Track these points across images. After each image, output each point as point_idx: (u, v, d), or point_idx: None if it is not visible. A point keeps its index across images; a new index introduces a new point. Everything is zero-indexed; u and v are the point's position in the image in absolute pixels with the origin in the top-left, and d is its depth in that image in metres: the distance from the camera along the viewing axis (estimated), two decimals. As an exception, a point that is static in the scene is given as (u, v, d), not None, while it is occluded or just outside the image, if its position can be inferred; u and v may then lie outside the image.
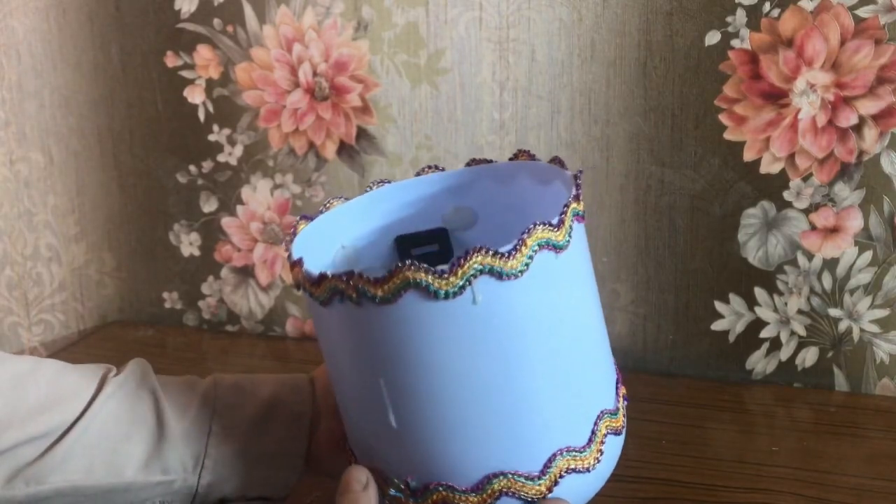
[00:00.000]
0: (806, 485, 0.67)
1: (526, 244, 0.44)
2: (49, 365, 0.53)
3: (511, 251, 0.43)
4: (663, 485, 0.67)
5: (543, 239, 0.44)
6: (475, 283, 0.43)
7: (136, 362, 0.55)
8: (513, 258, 0.43)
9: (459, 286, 0.43)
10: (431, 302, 0.43)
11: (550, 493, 0.46)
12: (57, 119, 1.00)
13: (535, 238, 0.44)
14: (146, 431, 0.52)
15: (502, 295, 0.43)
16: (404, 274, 0.43)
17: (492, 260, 0.43)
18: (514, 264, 0.43)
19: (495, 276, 0.43)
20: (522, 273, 0.44)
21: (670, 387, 0.85)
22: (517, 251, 0.43)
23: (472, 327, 0.44)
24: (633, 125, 0.84)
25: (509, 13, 0.85)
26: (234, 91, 0.95)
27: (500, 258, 0.43)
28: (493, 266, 0.43)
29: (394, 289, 0.43)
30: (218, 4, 0.92)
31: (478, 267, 0.43)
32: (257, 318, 1.01)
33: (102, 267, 1.04)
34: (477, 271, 0.43)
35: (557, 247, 0.45)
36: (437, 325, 0.44)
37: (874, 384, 0.83)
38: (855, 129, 0.78)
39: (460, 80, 0.88)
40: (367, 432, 0.49)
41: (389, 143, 0.91)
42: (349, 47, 0.90)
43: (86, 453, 0.51)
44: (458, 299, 0.43)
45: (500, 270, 0.43)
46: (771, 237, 0.83)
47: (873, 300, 0.81)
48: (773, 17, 0.78)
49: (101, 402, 0.52)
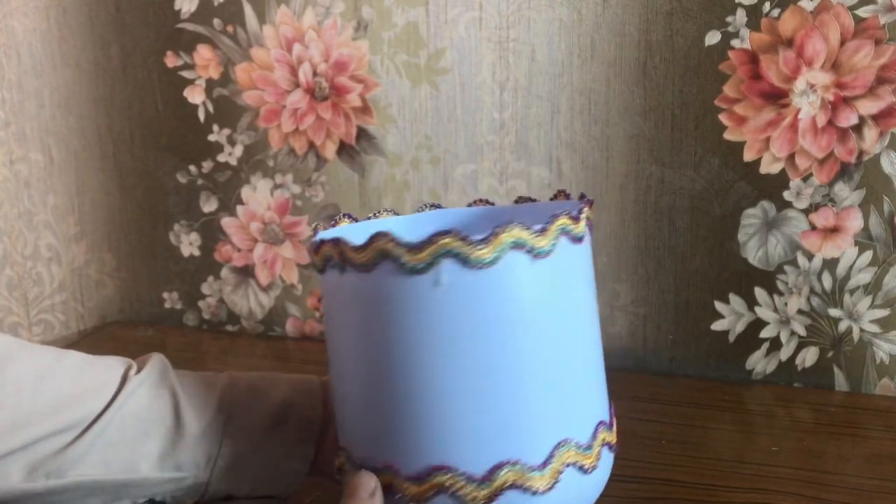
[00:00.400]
0: (806, 485, 0.67)
1: (498, 238, 0.44)
2: (70, 359, 0.54)
3: (481, 241, 0.44)
4: (663, 485, 0.67)
5: (519, 239, 0.45)
6: (441, 265, 0.44)
7: (156, 358, 0.56)
8: (481, 248, 0.44)
9: (427, 264, 0.44)
10: (403, 276, 0.44)
11: (550, 490, 0.46)
12: (57, 119, 1.00)
13: (510, 235, 0.44)
14: (164, 430, 0.53)
15: (469, 282, 0.44)
16: (379, 244, 0.44)
17: (460, 245, 0.44)
18: (481, 254, 0.44)
19: (461, 262, 0.44)
20: (491, 265, 0.44)
21: (670, 387, 0.85)
22: (487, 243, 0.44)
23: (437, 308, 0.45)
24: (633, 125, 0.84)
25: (509, 13, 0.85)
26: (234, 91, 0.95)
27: (469, 245, 0.44)
28: (460, 251, 0.44)
29: (370, 258, 0.45)
30: (218, 4, 0.92)
31: (446, 249, 0.44)
32: (257, 318, 1.01)
33: (102, 267, 1.04)
34: (445, 252, 0.44)
35: (535, 252, 0.45)
36: (407, 299, 0.45)
37: (874, 384, 0.83)
38: (855, 129, 0.78)
39: (460, 80, 0.88)
40: (357, 409, 0.49)
41: (389, 143, 0.91)
42: (349, 47, 0.90)
43: (105, 449, 0.52)
44: (425, 278, 0.44)
45: (467, 257, 0.44)
46: (771, 237, 0.83)
47: (873, 300, 0.81)
48: (773, 17, 0.78)
49: (123, 399, 0.52)
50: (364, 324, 0.46)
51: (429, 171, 0.90)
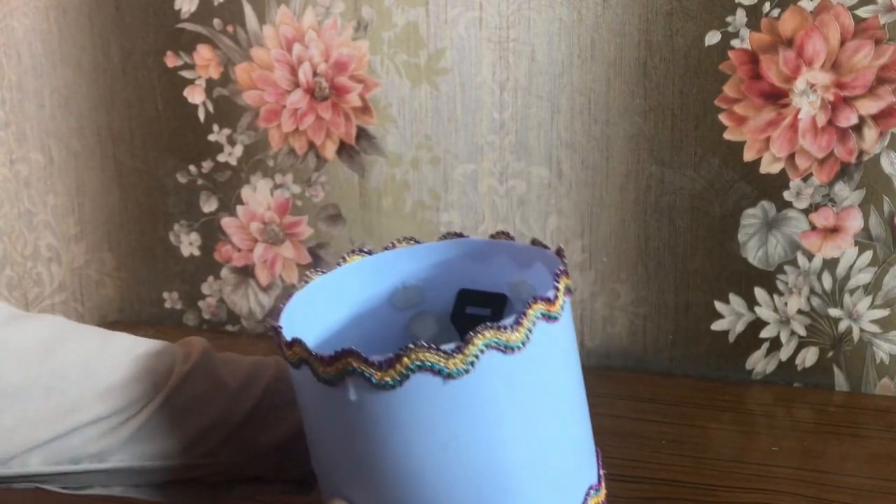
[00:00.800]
0: (806, 485, 0.67)
1: (472, 343, 0.42)
2: (118, 343, 0.54)
3: (455, 350, 0.42)
4: (663, 485, 0.67)
5: (493, 339, 0.43)
6: (411, 378, 0.42)
7: (200, 345, 0.56)
8: (454, 358, 0.42)
9: (396, 380, 0.42)
10: (372, 390, 0.43)
11: None
12: (57, 119, 1.00)
13: (482, 338, 0.42)
14: (205, 420, 0.53)
15: (442, 393, 0.43)
16: (345, 361, 0.43)
17: (433, 357, 0.42)
18: (455, 364, 0.42)
19: (434, 374, 0.42)
20: (465, 373, 0.42)
21: (670, 387, 0.85)
22: (460, 351, 0.42)
23: (411, 421, 0.43)
24: (633, 125, 0.84)
25: (509, 13, 0.85)
26: (234, 91, 0.95)
27: (442, 357, 0.42)
28: (433, 364, 0.42)
29: (336, 373, 0.43)
30: (218, 4, 0.92)
31: (417, 364, 0.42)
32: (257, 317, 1.01)
33: (102, 267, 1.04)
34: (416, 366, 0.42)
35: (509, 347, 0.43)
36: (378, 412, 0.43)
37: (874, 384, 0.83)
38: (855, 129, 0.78)
39: (460, 80, 0.88)
40: (341, 490, 0.48)
41: (389, 143, 0.91)
42: (349, 47, 0.90)
43: (147, 437, 0.52)
44: (397, 392, 0.42)
45: (441, 369, 0.42)
46: (771, 237, 0.83)
47: (873, 300, 0.81)
48: (773, 17, 0.78)
49: (168, 390, 0.53)
50: (345, 429, 0.45)
51: (429, 171, 0.90)
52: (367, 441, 0.44)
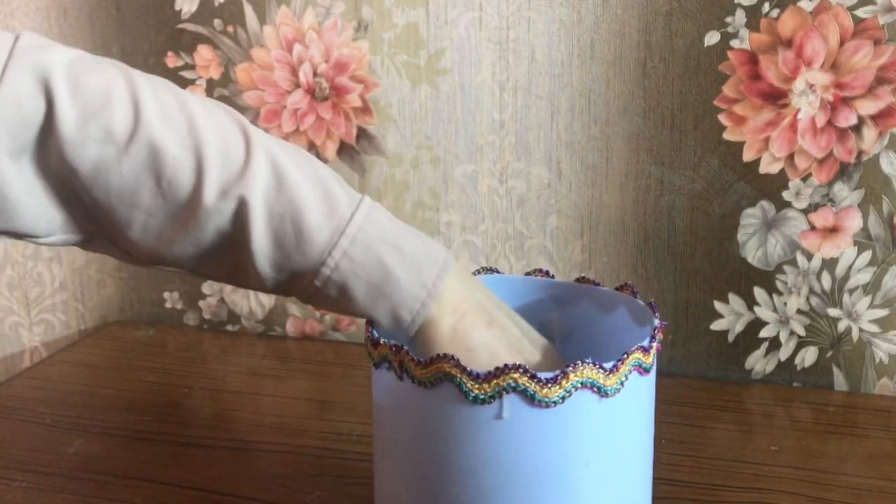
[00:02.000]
0: (806, 484, 0.67)
1: (567, 377, 0.44)
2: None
3: (550, 380, 0.44)
4: (663, 485, 0.67)
5: (589, 378, 0.45)
6: (505, 398, 0.44)
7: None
8: (549, 387, 0.44)
9: (490, 395, 0.44)
10: (465, 403, 0.44)
11: None
12: (57, 119, 1.00)
13: (579, 375, 0.44)
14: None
15: (533, 419, 0.44)
16: (442, 366, 0.44)
17: (527, 381, 0.44)
18: (548, 393, 0.44)
19: (527, 399, 0.44)
20: (557, 404, 0.44)
21: (670, 387, 0.85)
22: (556, 382, 0.44)
23: (496, 440, 0.45)
24: (632, 125, 0.84)
25: (509, 13, 0.85)
26: (234, 91, 0.95)
27: (536, 383, 0.44)
28: (527, 388, 0.44)
29: (432, 377, 0.45)
30: (218, 5, 0.93)
31: (512, 384, 0.44)
32: (258, 317, 1.01)
33: (103, 267, 1.05)
34: (510, 387, 0.44)
35: (604, 391, 0.45)
36: (466, 427, 0.45)
37: (873, 384, 0.83)
38: (854, 130, 0.78)
39: (460, 81, 0.88)
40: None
41: (389, 143, 0.91)
42: (349, 47, 0.90)
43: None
44: (487, 408, 0.44)
45: (534, 395, 0.44)
46: (770, 237, 0.83)
47: (872, 300, 0.81)
48: (772, 17, 0.78)
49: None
50: (419, 436, 0.46)
51: (429, 171, 0.91)
52: (498, 459, 0.45)
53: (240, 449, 0.74)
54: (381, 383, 0.49)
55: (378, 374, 0.49)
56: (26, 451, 0.74)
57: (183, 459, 0.72)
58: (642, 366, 0.47)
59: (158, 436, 0.77)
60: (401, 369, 0.46)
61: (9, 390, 0.87)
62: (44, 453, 0.74)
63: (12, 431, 0.78)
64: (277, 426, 0.78)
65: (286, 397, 0.84)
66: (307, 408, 0.82)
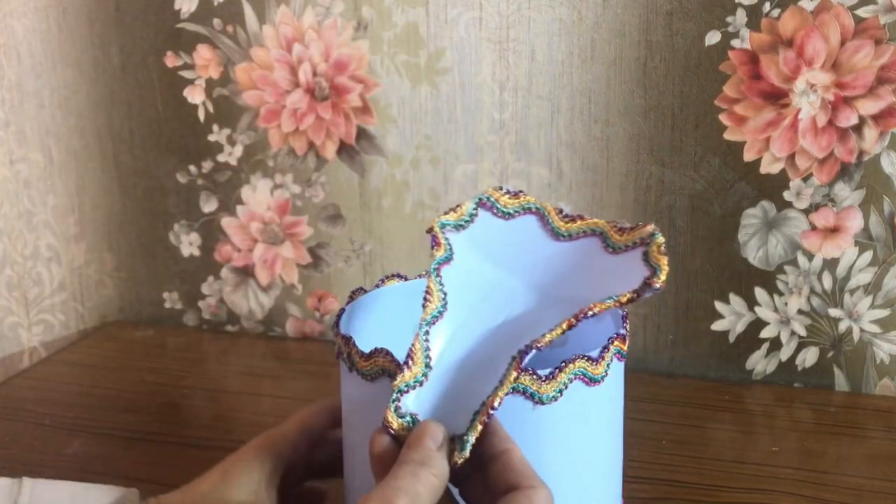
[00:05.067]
0: (806, 485, 0.67)
1: (507, 380, 0.44)
2: None
3: (546, 377, 0.45)
4: (663, 485, 0.67)
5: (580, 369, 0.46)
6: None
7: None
8: (547, 383, 0.45)
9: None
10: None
11: None
12: (57, 119, 1.00)
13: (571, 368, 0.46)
14: None
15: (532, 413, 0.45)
16: (380, 360, 0.45)
17: (529, 381, 0.44)
18: (545, 389, 0.45)
19: (527, 397, 0.45)
20: (555, 399, 0.45)
21: (670, 387, 0.85)
22: (553, 378, 0.45)
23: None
24: (633, 125, 0.84)
25: (509, 13, 0.85)
26: (234, 91, 0.95)
27: (535, 379, 0.45)
28: (526, 387, 0.44)
29: (373, 370, 0.46)
30: (218, 4, 0.92)
31: (517, 386, 0.44)
32: (257, 317, 1.01)
33: (102, 267, 1.04)
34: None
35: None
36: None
37: (874, 384, 0.83)
38: (855, 130, 0.78)
39: (460, 80, 0.88)
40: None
41: (389, 143, 0.91)
42: (349, 47, 0.90)
43: None
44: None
45: (533, 393, 0.45)
46: (771, 237, 0.83)
47: (873, 300, 0.81)
48: (773, 17, 0.78)
49: None
50: (367, 430, 0.46)
51: (429, 171, 0.90)
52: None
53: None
54: (342, 374, 0.50)
55: (340, 364, 0.50)
56: (26, 451, 0.74)
57: (183, 459, 0.72)
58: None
59: (158, 436, 0.77)
60: (349, 360, 0.48)
61: (8, 390, 0.87)
62: (43, 453, 0.74)
63: (11, 431, 0.78)
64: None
65: (286, 398, 0.84)
66: (307, 408, 0.82)
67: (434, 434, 0.41)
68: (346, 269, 0.96)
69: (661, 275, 0.46)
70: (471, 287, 0.48)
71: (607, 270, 0.48)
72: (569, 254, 0.49)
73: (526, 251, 0.50)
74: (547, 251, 0.50)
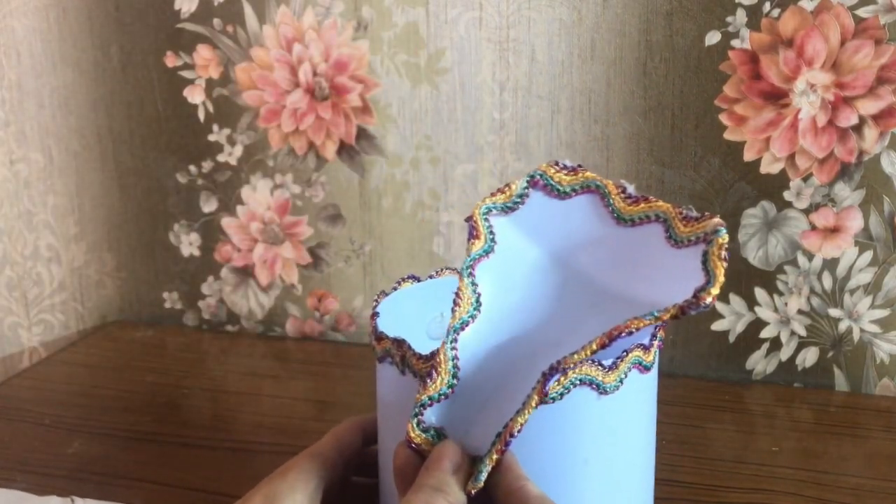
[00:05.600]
0: (806, 485, 0.67)
1: (567, 375, 0.43)
2: None
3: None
4: (663, 485, 0.67)
5: (587, 376, 0.44)
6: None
7: None
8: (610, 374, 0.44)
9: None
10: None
11: None
12: (57, 119, 1.00)
13: (577, 373, 0.43)
14: None
15: (533, 414, 0.44)
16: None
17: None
18: (550, 389, 0.43)
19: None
20: (555, 400, 0.43)
21: (670, 387, 0.85)
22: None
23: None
24: (633, 125, 0.84)
25: (509, 13, 0.85)
26: (233, 91, 0.95)
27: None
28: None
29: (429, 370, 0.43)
30: (218, 4, 0.92)
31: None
32: (257, 318, 1.01)
33: (102, 267, 1.04)
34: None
35: (602, 388, 0.44)
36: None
37: (874, 384, 0.83)
38: (855, 130, 0.78)
39: (460, 80, 0.88)
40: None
41: (389, 143, 0.91)
42: (349, 47, 0.90)
43: None
44: None
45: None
46: (771, 237, 0.83)
47: (873, 300, 0.81)
48: (773, 17, 0.78)
49: None
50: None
51: (429, 171, 0.90)
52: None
53: (240, 449, 0.74)
54: (384, 378, 0.49)
55: (381, 368, 0.49)
56: (25, 452, 0.74)
57: (183, 460, 0.72)
58: (643, 363, 0.47)
59: (158, 436, 0.77)
60: (402, 364, 0.46)
61: (8, 391, 0.87)
62: (43, 454, 0.74)
63: (11, 432, 0.78)
64: (277, 427, 0.77)
65: (286, 398, 0.84)
66: (307, 408, 0.82)
67: (453, 457, 0.40)
68: (346, 269, 0.96)
69: (712, 289, 0.39)
70: (513, 283, 0.44)
71: (668, 267, 0.43)
72: (628, 243, 0.44)
73: (582, 238, 0.44)
74: (605, 238, 0.44)
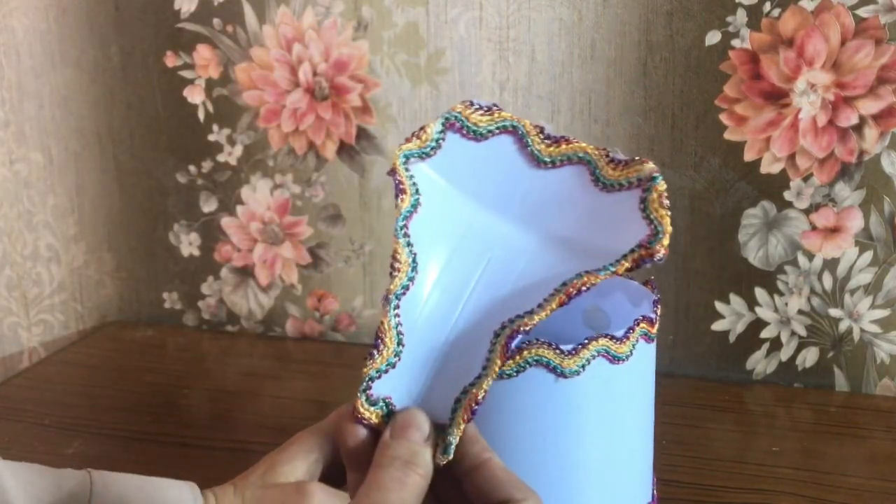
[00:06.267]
0: (806, 485, 0.67)
1: (587, 348, 0.45)
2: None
3: (570, 351, 0.45)
4: (663, 485, 0.67)
5: (603, 347, 0.46)
6: (527, 371, 0.45)
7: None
8: (570, 357, 0.45)
9: (515, 370, 0.45)
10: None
11: None
12: (57, 119, 1.00)
13: (595, 345, 0.46)
14: None
15: (555, 387, 0.46)
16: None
17: (552, 354, 0.45)
18: (570, 363, 0.45)
19: (550, 371, 0.45)
20: (577, 374, 0.45)
21: (670, 387, 0.84)
22: (576, 353, 0.45)
23: (520, 409, 0.46)
24: (633, 125, 0.84)
25: (509, 13, 0.85)
26: (233, 91, 0.94)
27: (557, 353, 0.45)
28: (549, 360, 0.45)
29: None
30: (218, 4, 0.92)
31: (536, 357, 0.44)
32: (257, 318, 1.01)
33: (102, 267, 1.04)
34: (535, 361, 0.44)
35: (616, 357, 0.47)
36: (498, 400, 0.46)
37: (874, 384, 0.83)
38: (855, 129, 0.78)
39: (460, 80, 0.88)
40: None
41: (389, 143, 0.91)
42: (349, 47, 0.90)
43: None
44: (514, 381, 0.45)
45: (556, 366, 0.45)
46: (771, 237, 0.83)
47: (874, 300, 0.81)
48: (773, 17, 0.78)
49: None
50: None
51: (429, 171, 0.90)
52: (509, 420, 0.46)
53: (239, 449, 0.74)
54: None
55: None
56: (25, 452, 0.74)
57: (182, 460, 0.72)
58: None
59: (158, 436, 0.77)
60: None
61: (7, 391, 0.87)
62: (43, 453, 0.74)
63: (11, 432, 0.78)
64: (277, 427, 0.77)
65: (286, 398, 0.84)
66: (307, 408, 0.82)
67: (421, 425, 0.38)
68: (346, 269, 0.96)
69: (662, 238, 0.38)
70: (443, 234, 0.41)
71: (599, 210, 0.41)
72: (553, 184, 0.42)
73: (504, 180, 0.42)
74: (528, 180, 0.42)
